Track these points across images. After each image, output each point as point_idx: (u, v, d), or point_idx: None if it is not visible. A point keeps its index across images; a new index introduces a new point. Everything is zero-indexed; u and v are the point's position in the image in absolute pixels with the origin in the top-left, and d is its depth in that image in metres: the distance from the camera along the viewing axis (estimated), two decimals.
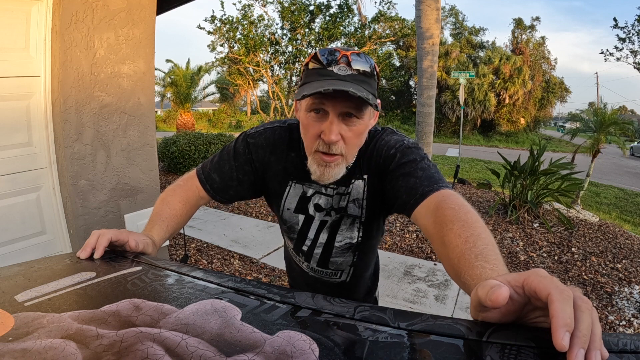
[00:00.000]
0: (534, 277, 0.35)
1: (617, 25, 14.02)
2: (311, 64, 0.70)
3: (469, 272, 0.48)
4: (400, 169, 0.72)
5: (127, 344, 0.36)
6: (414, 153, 0.73)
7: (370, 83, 0.69)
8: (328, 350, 0.36)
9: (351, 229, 0.85)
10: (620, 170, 11.78)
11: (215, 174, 0.86)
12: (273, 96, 9.63)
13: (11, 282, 0.54)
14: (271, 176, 0.85)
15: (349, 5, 8.73)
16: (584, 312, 0.32)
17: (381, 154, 0.77)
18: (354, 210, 0.82)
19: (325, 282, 0.96)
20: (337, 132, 0.68)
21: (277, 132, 0.84)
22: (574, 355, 0.30)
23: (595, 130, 4.96)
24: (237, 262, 3.08)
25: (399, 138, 0.78)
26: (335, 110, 0.68)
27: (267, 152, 0.83)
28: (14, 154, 1.89)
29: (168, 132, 17.38)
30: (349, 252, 0.89)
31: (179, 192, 0.87)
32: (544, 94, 19.26)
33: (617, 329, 2.28)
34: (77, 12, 1.88)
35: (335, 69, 0.67)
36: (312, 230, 0.87)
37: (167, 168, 6.47)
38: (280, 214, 0.89)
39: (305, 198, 0.85)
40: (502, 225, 3.94)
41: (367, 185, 0.80)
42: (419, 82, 5.44)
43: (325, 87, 0.63)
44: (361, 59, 0.68)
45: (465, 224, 0.55)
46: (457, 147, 9.01)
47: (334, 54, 0.67)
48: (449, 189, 0.66)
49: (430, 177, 0.68)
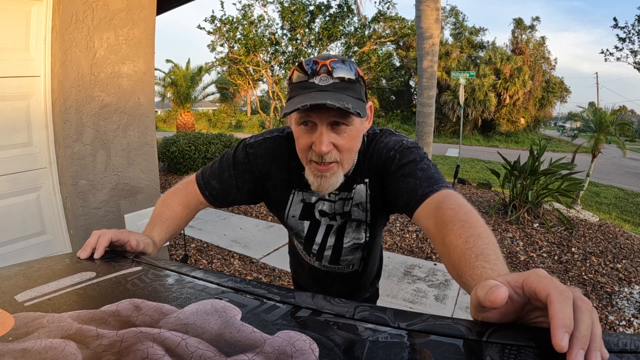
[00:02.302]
0: (534, 278, 0.35)
1: (617, 25, 14.01)
2: (295, 75, 0.70)
3: (470, 272, 0.48)
4: (400, 170, 0.72)
5: (127, 344, 0.36)
6: (413, 153, 0.74)
7: (355, 89, 0.68)
8: (328, 350, 0.36)
9: (358, 231, 0.87)
10: (620, 170, 11.77)
11: (215, 180, 0.87)
12: (273, 96, 9.63)
13: (11, 282, 0.54)
14: (272, 185, 0.86)
15: (348, 5, 8.73)
16: (583, 313, 0.32)
17: (381, 156, 0.77)
18: (358, 214, 0.83)
19: (338, 273, 0.99)
20: (327, 143, 0.68)
21: (277, 141, 0.85)
22: (573, 355, 0.30)
23: (595, 131, 4.96)
24: (237, 262, 3.08)
25: (397, 139, 0.79)
26: (323, 120, 0.67)
27: (267, 161, 0.84)
28: (14, 154, 1.89)
29: (168, 132, 17.38)
30: (358, 250, 0.92)
31: (179, 196, 0.88)
32: (544, 94, 19.25)
33: (617, 329, 2.28)
34: (77, 12, 1.88)
35: (316, 79, 0.67)
36: (319, 235, 0.89)
37: (167, 168, 6.47)
38: (285, 221, 0.89)
39: (310, 205, 0.86)
40: (502, 225, 3.94)
41: (369, 189, 0.81)
42: (419, 82, 5.44)
43: (304, 102, 0.63)
44: (343, 66, 0.67)
45: (465, 224, 0.55)
46: (457, 147, 9.01)
47: (315, 64, 0.67)
48: (449, 189, 0.66)
49: (429, 178, 0.68)
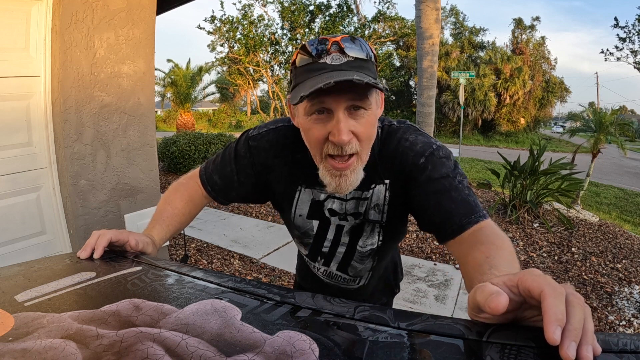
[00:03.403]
0: (528, 276, 0.36)
1: (617, 25, 14.02)
2: (300, 59, 0.62)
3: (479, 279, 0.50)
4: (431, 185, 0.66)
5: (127, 344, 0.36)
6: (445, 165, 0.67)
7: (369, 68, 0.62)
8: (328, 350, 0.36)
9: (372, 235, 0.80)
10: (620, 170, 11.77)
11: (217, 175, 0.83)
12: (273, 96, 9.63)
13: (11, 282, 0.54)
14: (275, 180, 0.80)
15: (348, 5, 8.74)
16: (575, 307, 0.33)
17: (407, 159, 0.69)
18: (374, 216, 0.77)
19: (343, 289, 0.92)
20: (347, 130, 0.60)
21: (282, 132, 0.77)
22: (565, 347, 0.30)
23: (595, 130, 4.96)
24: (237, 262, 3.08)
25: (426, 140, 0.70)
26: (340, 105, 0.60)
27: (270, 154, 0.77)
28: (14, 154, 1.89)
29: (168, 132, 17.37)
30: (370, 257, 0.84)
31: (182, 191, 0.85)
32: (544, 94, 19.25)
33: (617, 329, 2.28)
34: (77, 12, 1.88)
35: (327, 59, 0.59)
36: (330, 233, 0.82)
37: (167, 168, 6.47)
38: (291, 220, 0.83)
39: (318, 203, 0.78)
40: (502, 225, 3.94)
41: (388, 191, 0.74)
42: (419, 82, 5.44)
43: (325, 81, 0.55)
44: (355, 45, 0.61)
45: (493, 246, 0.57)
46: (457, 147, 9.01)
47: (324, 43, 0.60)
48: (487, 219, 0.63)
49: (466, 203, 0.63)
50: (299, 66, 0.62)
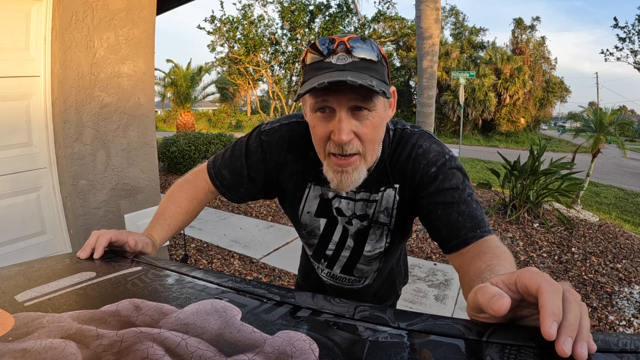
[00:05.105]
0: (526, 274, 0.36)
1: (617, 25, 14.02)
2: (309, 57, 0.63)
3: (478, 282, 0.50)
4: (440, 196, 0.66)
5: (127, 344, 0.36)
6: (455, 177, 0.67)
7: (377, 69, 0.61)
8: (328, 350, 0.36)
9: (380, 239, 0.79)
10: (620, 170, 11.77)
11: (226, 170, 0.80)
12: (273, 96, 9.64)
13: (11, 282, 0.54)
14: (287, 177, 0.78)
15: (348, 5, 8.74)
16: (572, 304, 0.33)
17: (419, 167, 0.69)
18: (383, 219, 0.77)
19: (347, 290, 0.91)
20: (347, 130, 0.60)
21: (294, 128, 0.76)
22: (561, 342, 0.31)
23: (595, 130, 4.95)
24: (237, 262, 3.08)
25: (439, 149, 0.70)
26: (341, 105, 0.60)
27: (283, 150, 0.76)
28: (14, 154, 1.89)
29: (168, 132, 17.37)
30: (377, 259, 0.84)
31: (187, 188, 0.83)
32: (544, 94, 19.25)
33: (617, 329, 2.28)
34: (77, 12, 1.88)
35: (333, 59, 0.60)
36: (336, 234, 0.81)
37: (167, 168, 6.47)
38: (298, 217, 0.82)
39: (327, 200, 0.78)
40: (502, 225, 3.94)
41: (398, 195, 0.74)
42: (419, 82, 5.44)
43: (319, 81, 0.56)
44: (364, 45, 0.60)
45: (494, 256, 0.57)
46: (457, 147, 9.02)
47: (332, 42, 0.60)
48: (491, 234, 0.63)
49: (473, 217, 0.64)
50: (307, 64, 0.63)
